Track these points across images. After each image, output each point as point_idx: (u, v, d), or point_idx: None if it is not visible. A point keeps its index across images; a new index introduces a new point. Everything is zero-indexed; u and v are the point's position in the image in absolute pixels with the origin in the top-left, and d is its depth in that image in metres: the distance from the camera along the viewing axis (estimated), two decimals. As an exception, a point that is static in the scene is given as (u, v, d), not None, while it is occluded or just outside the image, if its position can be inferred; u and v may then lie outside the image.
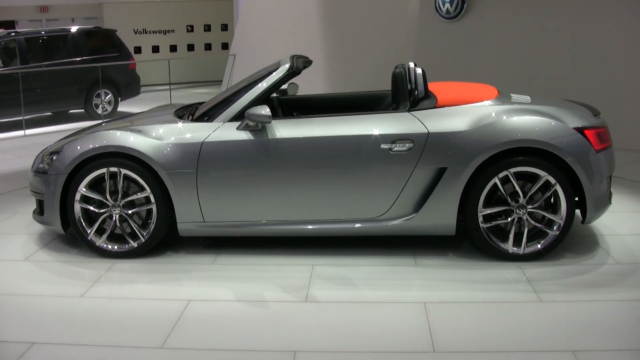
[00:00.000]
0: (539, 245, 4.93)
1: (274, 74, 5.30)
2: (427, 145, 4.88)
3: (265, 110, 4.94)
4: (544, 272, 4.74)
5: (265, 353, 3.74)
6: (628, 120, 8.82)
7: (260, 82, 5.29)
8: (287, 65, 5.30)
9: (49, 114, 14.08)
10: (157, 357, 3.74)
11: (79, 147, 5.21)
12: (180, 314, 4.24)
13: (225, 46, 23.75)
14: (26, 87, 12.49)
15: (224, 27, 24.31)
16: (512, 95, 5.32)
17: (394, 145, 4.91)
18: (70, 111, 14.35)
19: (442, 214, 4.94)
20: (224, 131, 5.11)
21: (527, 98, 5.29)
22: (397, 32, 11.81)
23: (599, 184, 4.86)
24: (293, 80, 6.04)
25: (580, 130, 4.85)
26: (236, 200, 5.08)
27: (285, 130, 5.05)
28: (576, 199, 4.91)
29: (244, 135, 5.06)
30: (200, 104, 6.04)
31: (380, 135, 4.93)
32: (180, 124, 5.28)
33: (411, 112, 5.03)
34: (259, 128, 5.05)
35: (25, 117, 12.44)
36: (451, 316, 4.12)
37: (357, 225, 5.05)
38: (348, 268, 4.96)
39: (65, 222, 5.35)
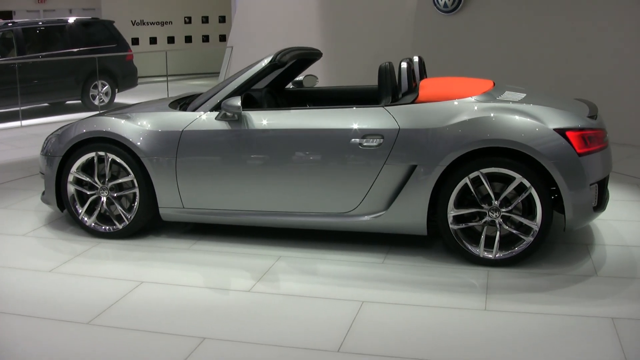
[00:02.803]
0: (512, 251, 4.69)
1: (255, 66, 5.39)
2: (397, 141, 4.78)
3: (236, 101, 5.03)
4: (509, 280, 4.52)
5: (174, 337, 3.81)
6: (625, 114, 8.82)
7: (241, 74, 5.40)
8: (269, 59, 5.35)
9: (46, 104, 14.06)
10: (78, 333, 3.90)
11: (72, 132, 5.55)
12: (123, 295, 4.41)
13: (222, 38, 23.72)
14: (23, 78, 12.45)
15: (222, 19, 24.26)
16: (506, 91, 5.18)
17: (363, 140, 4.84)
18: (67, 102, 14.33)
19: (411, 213, 4.83)
20: (203, 121, 5.25)
21: (521, 95, 5.11)
22: (395, 25, 11.80)
23: (581, 190, 4.57)
24: (311, 72, 6.36)
25: (561, 131, 4.56)
26: (212, 188, 5.22)
27: (259, 121, 5.12)
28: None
29: (221, 125, 5.17)
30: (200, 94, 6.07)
31: (350, 129, 4.89)
32: (165, 113, 5.47)
33: (386, 107, 4.94)
34: (235, 119, 5.14)
35: (22, 108, 12.43)
36: (382, 317, 4.02)
37: (328, 219, 5.04)
38: (313, 261, 4.96)
39: (61, 202, 5.66)
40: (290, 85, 6.63)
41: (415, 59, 5.88)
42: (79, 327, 3.96)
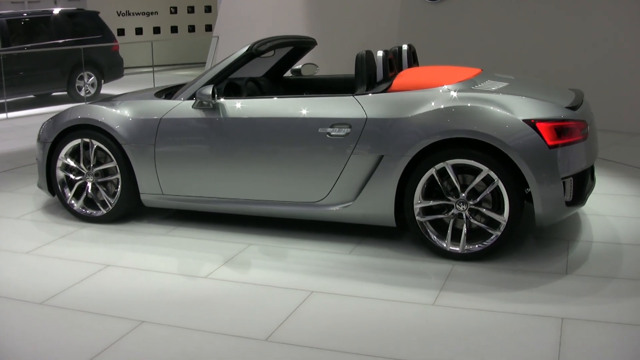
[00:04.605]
0: (479, 245, 4.57)
1: (232, 55, 5.42)
2: (364, 131, 4.72)
3: (208, 90, 5.08)
4: (471, 275, 4.40)
5: (114, 319, 3.90)
6: (611, 101, 8.87)
7: (219, 63, 5.45)
8: (245, 48, 5.38)
9: (32, 96, 13.99)
10: (29, 312, 4.04)
11: (60, 119, 5.74)
12: (84, 277, 4.54)
13: (209, 28, 23.60)
14: (8, 70, 12.38)
15: (208, 9, 24.15)
16: (488, 79, 5.06)
17: (331, 129, 4.81)
18: (53, 94, 14.26)
19: (379, 204, 4.76)
20: (180, 109, 5.32)
21: (502, 84, 4.97)
22: (381, 13, 11.79)
23: (551, 184, 4.39)
24: (312, 61, 6.51)
25: (531, 122, 4.39)
26: (187, 175, 5.30)
27: (232, 110, 5.16)
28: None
29: (196, 114, 5.25)
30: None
31: (319, 118, 4.86)
32: (146, 101, 5.58)
33: (355, 97, 4.89)
34: (210, 107, 5.20)
35: (7, 100, 12.34)
36: (325, 308, 3.99)
37: (298, 208, 5.05)
38: (282, 250, 4.97)
39: (52, 186, 5.84)
40: (289, 74, 6.66)
41: (405, 47, 5.87)
42: (31, 307, 4.09)
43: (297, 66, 6.61)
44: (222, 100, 5.21)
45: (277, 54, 6.38)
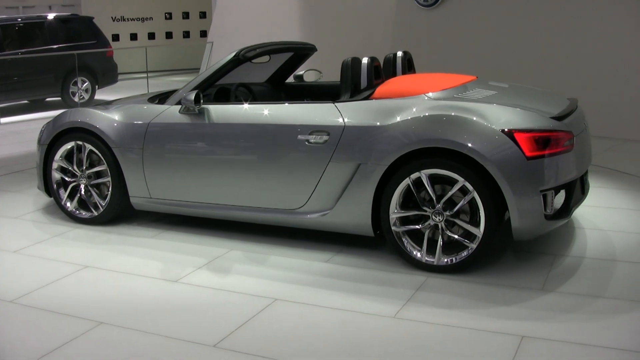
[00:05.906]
0: (455, 258, 4.44)
1: (219, 61, 5.43)
2: (342, 138, 4.66)
3: (191, 95, 5.14)
4: (442, 287, 4.27)
5: (73, 319, 3.95)
6: (603, 107, 8.88)
7: (208, 69, 5.49)
8: (232, 54, 5.38)
9: (26, 102, 13.95)
10: (3, 309, 4.14)
11: (56, 121, 5.87)
12: (59, 278, 4.60)
13: (203, 34, 23.59)
14: (2, 75, 12.39)
15: (203, 15, 24.16)
16: (477, 87, 4.98)
17: (310, 136, 4.78)
18: (47, 99, 14.23)
19: (356, 213, 4.69)
20: (168, 114, 5.37)
21: (490, 92, 4.89)
22: (375, 19, 11.81)
23: (529, 196, 4.23)
24: (306, 67, 6.58)
25: (508, 132, 4.26)
26: (172, 179, 5.35)
27: (215, 116, 5.19)
28: None
29: (182, 119, 5.29)
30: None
31: (298, 125, 4.84)
32: (136, 106, 5.67)
33: (335, 104, 4.84)
34: (196, 112, 5.22)
35: (1, 105, 12.30)
36: (284, 317, 3.92)
37: (277, 215, 5.03)
38: (261, 256, 4.95)
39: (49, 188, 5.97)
40: (292, 80, 6.68)
41: (400, 54, 5.83)
42: (4, 305, 4.17)
43: (300, 72, 6.58)
44: (205, 105, 5.24)
45: (277, 60, 6.38)
